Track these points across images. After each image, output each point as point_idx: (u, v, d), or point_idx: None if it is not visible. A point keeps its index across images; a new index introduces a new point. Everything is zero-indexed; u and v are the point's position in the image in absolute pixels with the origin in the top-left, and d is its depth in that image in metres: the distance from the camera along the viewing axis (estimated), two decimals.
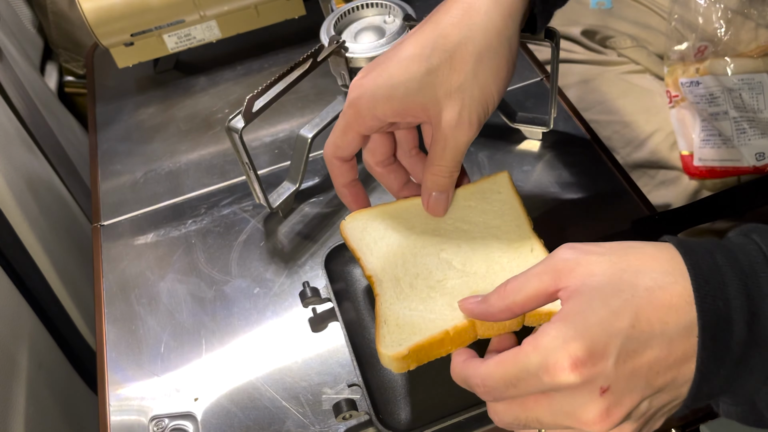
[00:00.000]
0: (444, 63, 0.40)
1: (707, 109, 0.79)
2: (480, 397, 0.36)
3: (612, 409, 0.31)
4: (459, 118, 0.41)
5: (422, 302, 0.44)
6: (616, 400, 0.31)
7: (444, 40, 0.41)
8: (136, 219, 0.66)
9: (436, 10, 0.43)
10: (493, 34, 0.41)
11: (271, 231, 0.62)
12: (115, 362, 0.55)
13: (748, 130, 0.77)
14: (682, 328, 0.31)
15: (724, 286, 0.31)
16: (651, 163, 0.82)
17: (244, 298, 0.57)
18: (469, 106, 0.41)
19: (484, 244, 0.47)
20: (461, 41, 0.40)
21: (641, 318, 0.31)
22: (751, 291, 0.30)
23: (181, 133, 0.74)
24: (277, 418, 0.50)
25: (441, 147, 0.42)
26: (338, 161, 0.47)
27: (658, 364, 0.31)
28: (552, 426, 0.33)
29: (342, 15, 0.62)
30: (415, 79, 0.41)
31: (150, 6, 0.70)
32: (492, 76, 0.41)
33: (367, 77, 0.43)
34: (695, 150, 0.79)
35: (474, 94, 0.41)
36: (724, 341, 0.30)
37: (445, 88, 0.41)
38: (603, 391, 0.31)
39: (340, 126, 0.45)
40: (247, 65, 0.80)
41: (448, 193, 0.46)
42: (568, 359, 0.31)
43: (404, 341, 0.42)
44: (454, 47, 0.40)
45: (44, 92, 1.04)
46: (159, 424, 0.50)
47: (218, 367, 0.53)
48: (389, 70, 0.42)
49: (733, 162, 0.78)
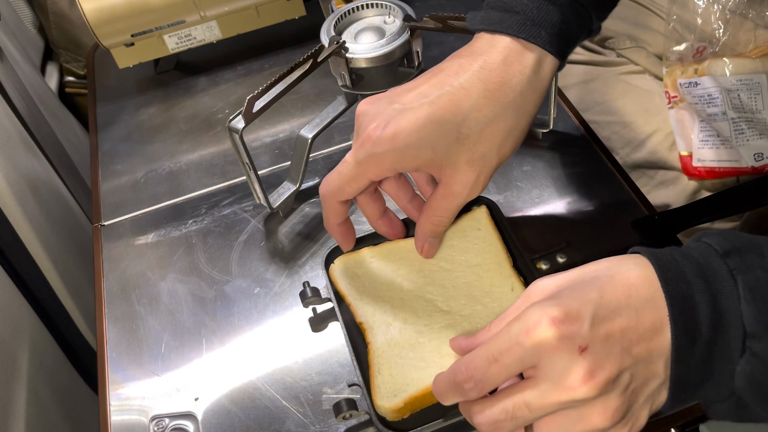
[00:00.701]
0: (473, 135, 0.43)
1: (706, 109, 0.79)
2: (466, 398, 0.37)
3: (595, 370, 0.32)
4: (475, 182, 0.44)
5: (412, 349, 0.47)
6: (597, 361, 0.33)
7: (477, 113, 0.42)
8: (136, 219, 0.66)
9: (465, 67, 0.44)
10: (522, 114, 0.43)
11: (271, 231, 0.62)
12: (116, 362, 0.55)
13: (747, 131, 0.77)
14: (645, 300, 0.34)
15: (683, 273, 0.34)
16: (650, 164, 0.82)
17: (245, 298, 0.58)
18: (486, 172, 0.44)
19: (466, 284, 0.51)
20: (493, 119, 0.42)
21: (607, 292, 0.34)
22: (707, 276, 0.33)
23: (181, 134, 0.74)
24: (278, 417, 0.50)
25: (448, 202, 0.45)
26: (337, 203, 0.48)
27: (630, 332, 0.33)
28: (540, 407, 0.34)
29: (342, 15, 0.62)
30: (445, 144, 0.43)
31: (150, 6, 0.70)
32: (511, 147, 0.44)
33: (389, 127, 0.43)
34: (694, 150, 0.79)
35: (493, 163, 0.44)
36: (693, 318, 0.33)
37: (469, 156, 0.43)
38: (582, 350, 0.33)
39: (351, 174, 0.45)
40: (247, 66, 0.80)
41: (439, 238, 0.50)
42: (546, 317, 0.33)
43: (399, 392, 0.45)
44: (485, 123, 0.42)
45: (45, 92, 1.04)
46: (159, 424, 0.51)
47: (219, 366, 0.54)
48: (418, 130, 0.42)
49: (731, 162, 0.78)
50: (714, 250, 0.34)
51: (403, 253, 0.54)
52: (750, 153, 0.77)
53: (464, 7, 0.83)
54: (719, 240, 0.35)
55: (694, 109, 0.80)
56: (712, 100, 0.78)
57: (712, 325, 0.33)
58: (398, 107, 0.43)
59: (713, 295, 0.33)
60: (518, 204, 0.61)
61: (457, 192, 0.45)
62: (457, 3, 0.84)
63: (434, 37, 0.79)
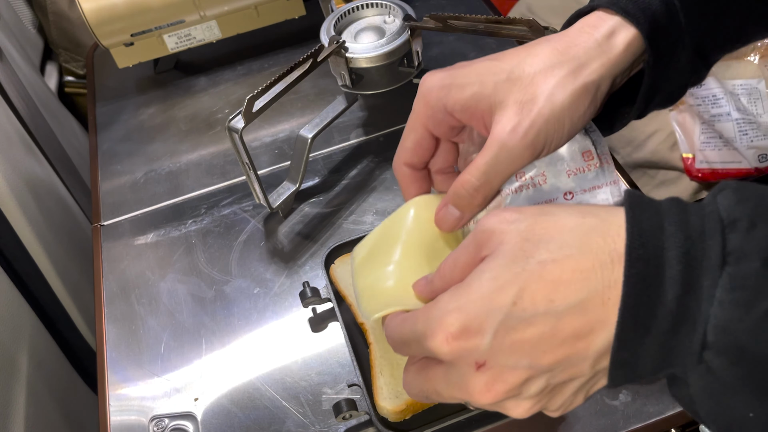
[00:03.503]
0: (526, 77, 0.38)
1: (709, 110, 0.78)
2: None
3: (492, 383, 0.31)
4: (515, 126, 0.37)
5: None
6: (496, 375, 0.31)
7: (533, 58, 0.39)
8: (136, 219, 0.66)
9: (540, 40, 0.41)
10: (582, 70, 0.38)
11: (271, 231, 0.62)
12: (116, 362, 0.55)
13: (750, 132, 0.77)
14: (571, 305, 0.29)
15: (660, 251, 0.28)
16: (651, 163, 0.82)
17: (244, 298, 0.57)
18: (532, 120, 0.37)
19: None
20: (549, 65, 0.38)
21: (525, 295, 0.30)
22: (691, 258, 0.28)
23: (181, 134, 0.74)
24: (277, 418, 0.50)
25: (481, 157, 0.38)
26: (409, 170, 0.43)
27: (544, 341, 0.30)
28: (449, 398, 0.33)
29: (342, 15, 0.62)
30: (493, 81, 0.38)
31: (150, 6, 0.70)
32: (568, 107, 0.38)
33: (441, 72, 0.41)
34: (697, 152, 0.79)
35: (543, 111, 0.37)
36: (651, 310, 0.28)
37: (517, 96, 0.38)
38: (479, 366, 0.31)
39: (409, 124, 0.42)
40: (247, 65, 0.80)
41: (462, 214, 0.41)
42: (442, 331, 0.31)
43: (401, 393, 0.45)
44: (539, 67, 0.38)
45: (44, 92, 1.04)
46: (159, 424, 0.50)
47: (218, 367, 0.53)
48: (468, 68, 0.40)
49: (734, 164, 0.78)
50: (719, 216, 0.28)
51: None
52: (754, 154, 0.77)
53: (464, 7, 0.83)
54: (731, 202, 0.29)
55: (694, 111, 0.79)
56: (717, 100, 0.78)
57: (673, 321, 0.28)
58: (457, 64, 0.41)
59: (687, 287, 0.28)
60: None
61: (495, 136, 0.37)
62: (457, 3, 0.84)
63: (434, 37, 0.79)
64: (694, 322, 0.28)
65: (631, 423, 0.47)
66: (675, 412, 0.47)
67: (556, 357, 0.30)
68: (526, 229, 0.32)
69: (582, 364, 0.30)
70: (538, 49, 0.39)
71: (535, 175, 0.42)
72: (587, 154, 0.44)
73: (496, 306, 0.30)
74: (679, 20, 0.39)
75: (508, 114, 0.38)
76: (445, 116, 0.40)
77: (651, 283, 0.28)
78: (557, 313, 0.29)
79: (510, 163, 0.38)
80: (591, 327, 0.29)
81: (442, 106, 0.40)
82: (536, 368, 0.30)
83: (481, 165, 0.38)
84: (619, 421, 0.47)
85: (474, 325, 0.30)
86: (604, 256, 0.29)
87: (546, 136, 0.38)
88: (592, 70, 0.38)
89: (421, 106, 0.41)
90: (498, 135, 0.37)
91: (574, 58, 0.38)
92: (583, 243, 0.30)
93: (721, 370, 0.28)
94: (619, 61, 0.39)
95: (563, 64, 0.38)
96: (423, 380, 0.34)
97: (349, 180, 0.66)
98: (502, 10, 0.87)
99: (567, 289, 0.29)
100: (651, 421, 0.47)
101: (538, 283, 0.30)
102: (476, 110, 0.39)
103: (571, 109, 0.38)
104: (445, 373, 0.33)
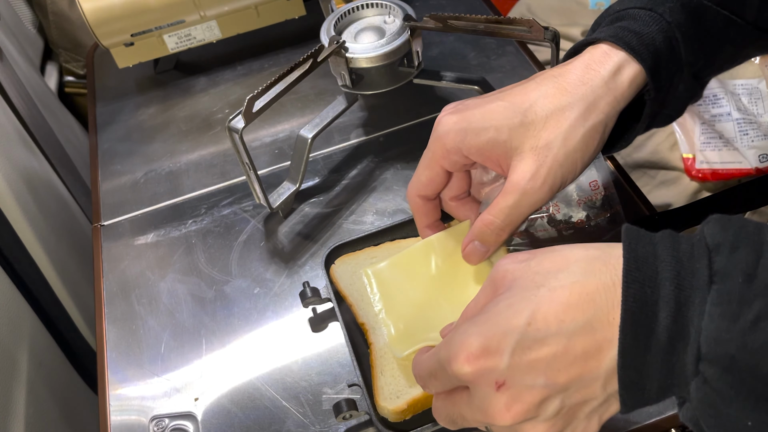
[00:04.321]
0: (539, 120, 0.40)
1: (710, 110, 0.79)
2: None
3: (512, 404, 0.32)
4: (534, 174, 0.40)
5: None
6: (515, 396, 0.32)
7: (544, 100, 0.41)
8: (136, 219, 0.66)
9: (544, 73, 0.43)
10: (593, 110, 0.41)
11: (271, 231, 0.62)
12: (116, 362, 0.55)
13: (750, 132, 0.77)
14: (580, 325, 0.32)
15: (654, 274, 0.31)
16: (651, 164, 0.82)
17: (245, 298, 0.57)
18: (548, 164, 0.40)
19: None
20: (561, 107, 0.40)
21: (538, 317, 0.32)
22: (682, 279, 0.30)
23: (181, 134, 0.74)
24: (278, 418, 0.50)
25: (504, 200, 0.41)
26: (422, 200, 0.47)
27: (557, 360, 0.32)
28: (473, 421, 0.35)
29: (342, 15, 0.62)
30: (508, 126, 0.41)
31: (150, 6, 0.70)
32: (580, 149, 0.40)
33: (456, 114, 0.43)
34: (697, 153, 0.79)
35: (558, 155, 0.40)
36: (648, 327, 0.30)
37: (533, 142, 0.40)
38: (499, 386, 0.32)
39: (424, 162, 0.45)
40: (247, 65, 0.80)
41: (489, 249, 0.44)
42: (463, 352, 0.33)
43: (402, 393, 0.46)
44: (552, 110, 0.40)
45: (44, 92, 1.04)
46: (159, 424, 0.50)
47: (218, 367, 0.53)
48: (482, 111, 0.42)
49: (735, 164, 0.78)
50: (705, 243, 0.31)
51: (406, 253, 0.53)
52: (755, 154, 0.77)
53: (464, 7, 0.83)
54: (716, 229, 0.31)
55: (695, 111, 0.80)
56: (717, 100, 0.78)
57: (669, 337, 0.30)
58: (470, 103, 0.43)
59: (680, 304, 0.30)
60: None
61: (515, 182, 0.40)
62: (457, 3, 0.84)
63: (434, 37, 0.79)
64: (688, 335, 0.30)
65: (631, 423, 0.47)
66: (675, 412, 0.47)
67: (569, 376, 0.32)
68: (536, 264, 0.34)
69: (594, 385, 0.32)
70: (546, 87, 0.41)
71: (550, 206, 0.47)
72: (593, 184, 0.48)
73: (511, 327, 0.32)
74: (680, 53, 0.42)
75: (525, 161, 0.40)
76: (460, 158, 0.43)
77: (647, 302, 0.30)
78: (568, 333, 0.32)
79: (530, 206, 0.41)
80: (599, 345, 0.31)
81: (458, 150, 0.42)
82: (551, 387, 0.32)
83: (504, 208, 0.41)
84: (619, 421, 0.47)
85: (492, 345, 0.32)
86: (607, 280, 0.32)
87: (562, 177, 0.41)
88: (600, 110, 0.41)
89: (438, 147, 0.43)
90: (518, 182, 0.41)
91: (582, 98, 0.40)
92: (587, 270, 0.33)
93: (715, 380, 0.29)
94: (624, 97, 0.41)
95: (573, 106, 0.40)
96: (450, 405, 0.36)
97: (349, 180, 0.66)
98: (502, 10, 0.87)
99: (575, 311, 0.32)
100: (651, 421, 0.47)
101: (549, 305, 0.32)
102: (492, 154, 0.42)
103: (583, 150, 0.41)
104: (468, 397, 0.35)
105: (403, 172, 0.65)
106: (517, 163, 0.41)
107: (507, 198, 0.41)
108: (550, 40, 0.55)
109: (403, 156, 0.67)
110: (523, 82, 0.43)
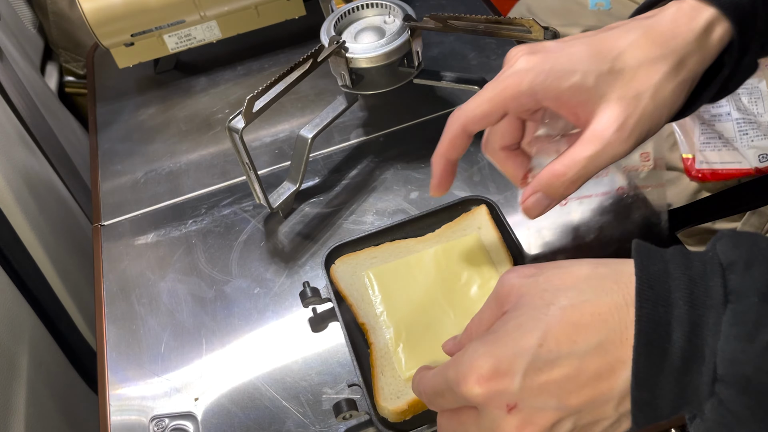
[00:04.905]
0: (629, 70, 0.38)
1: (709, 110, 0.78)
2: None
3: (523, 426, 0.31)
4: (622, 124, 0.37)
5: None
6: (527, 418, 0.31)
7: (636, 50, 0.38)
8: (136, 219, 0.66)
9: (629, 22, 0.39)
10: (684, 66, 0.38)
11: (271, 231, 0.62)
12: (116, 362, 0.55)
13: (750, 132, 0.77)
14: (592, 347, 0.31)
15: (667, 292, 0.30)
16: None
17: (245, 298, 0.57)
18: (636, 116, 0.37)
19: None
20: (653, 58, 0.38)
21: (549, 337, 0.31)
22: (695, 298, 0.30)
23: (181, 134, 0.74)
24: (278, 418, 0.50)
25: (582, 149, 0.38)
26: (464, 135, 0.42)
27: (569, 382, 0.31)
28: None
29: (342, 15, 0.62)
30: (596, 72, 0.38)
31: (150, 6, 0.70)
32: (670, 98, 0.38)
33: (537, 54, 0.39)
34: (697, 153, 0.79)
35: (647, 107, 0.37)
36: (661, 347, 0.30)
37: (622, 92, 0.38)
38: (510, 409, 0.31)
39: (487, 94, 0.40)
40: (247, 65, 0.80)
41: (551, 203, 0.41)
42: (474, 374, 0.32)
43: (402, 393, 0.46)
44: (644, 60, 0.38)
45: (44, 92, 1.04)
46: (159, 424, 0.50)
47: (218, 367, 0.53)
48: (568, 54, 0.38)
49: (734, 164, 0.78)
50: (718, 260, 0.30)
51: (404, 252, 0.54)
52: (754, 154, 0.77)
53: (464, 7, 0.83)
54: (728, 246, 0.31)
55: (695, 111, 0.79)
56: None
57: (683, 357, 0.29)
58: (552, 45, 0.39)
59: (694, 324, 0.29)
60: (518, 204, 0.61)
61: (598, 132, 0.37)
62: (457, 3, 0.84)
63: (434, 37, 0.79)
64: (704, 356, 0.29)
65: None
66: None
67: (581, 398, 0.31)
68: (544, 281, 0.33)
69: (606, 406, 0.31)
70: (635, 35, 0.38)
71: None
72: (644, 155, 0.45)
73: (522, 348, 0.31)
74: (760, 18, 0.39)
75: (612, 110, 0.37)
76: (530, 101, 0.39)
77: (660, 322, 0.30)
78: (580, 354, 0.31)
79: (610, 159, 0.38)
80: (612, 367, 0.31)
81: (533, 92, 0.38)
82: (564, 410, 0.31)
83: (581, 159, 0.38)
84: None
85: (503, 367, 0.31)
86: (619, 299, 0.31)
87: (647, 132, 0.38)
88: (690, 68, 0.38)
89: (512, 84, 0.39)
90: (602, 132, 0.37)
91: (674, 52, 0.38)
92: (598, 289, 0.32)
93: (730, 402, 0.29)
94: (711, 56, 0.39)
95: (665, 59, 0.38)
96: (456, 424, 0.35)
97: (349, 180, 0.66)
98: (502, 10, 0.87)
99: (587, 331, 0.31)
100: None
101: (560, 325, 0.31)
102: (571, 101, 0.38)
103: (669, 105, 0.38)
104: (477, 418, 0.33)
105: (403, 172, 0.65)
106: (602, 112, 0.37)
107: (585, 148, 0.37)
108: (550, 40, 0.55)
109: (403, 156, 0.67)
110: (603, 29, 0.40)
